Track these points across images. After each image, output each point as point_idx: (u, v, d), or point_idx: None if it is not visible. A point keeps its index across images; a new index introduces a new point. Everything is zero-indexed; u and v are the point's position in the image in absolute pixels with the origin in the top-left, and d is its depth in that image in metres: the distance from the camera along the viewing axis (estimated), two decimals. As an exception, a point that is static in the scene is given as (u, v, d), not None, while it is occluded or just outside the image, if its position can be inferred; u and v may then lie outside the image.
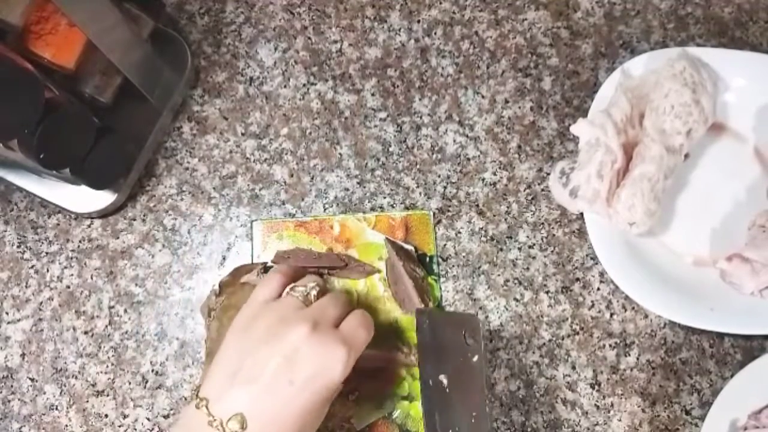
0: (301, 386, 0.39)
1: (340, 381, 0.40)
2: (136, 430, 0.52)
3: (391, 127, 0.59)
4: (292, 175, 0.58)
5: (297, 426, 0.39)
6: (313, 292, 0.43)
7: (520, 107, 0.59)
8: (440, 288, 0.55)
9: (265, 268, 0.54)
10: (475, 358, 0.43)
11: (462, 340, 0.44)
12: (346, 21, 0.62)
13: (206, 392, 0.39)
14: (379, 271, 0.54)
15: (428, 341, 0.43)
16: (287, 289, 0.44)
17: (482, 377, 0.43)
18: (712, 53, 0.57)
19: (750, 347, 0.54)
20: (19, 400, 0.53)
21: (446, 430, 0.41)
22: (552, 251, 0.56)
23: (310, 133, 0.59)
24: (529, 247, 0.56)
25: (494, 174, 0.58)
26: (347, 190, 0.57)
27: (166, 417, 0.52)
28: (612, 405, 0.52)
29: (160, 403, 0.52)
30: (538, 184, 0.57)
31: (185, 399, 0.52)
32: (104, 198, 0.55)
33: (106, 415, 0.52)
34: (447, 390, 0.42)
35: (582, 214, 0.54)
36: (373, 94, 0.60)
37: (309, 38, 0.61)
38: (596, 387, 0.53)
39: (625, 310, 0.54)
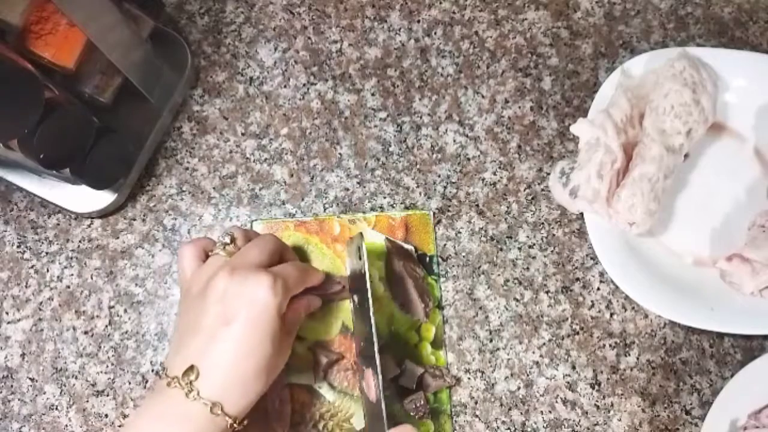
0: (237, 324, 0.39)
1: (274, 307, 0.40)
2: (136, 430, 0.52)
3: (391, 127, 0.59)
4: (292, 175, 0.58)
5: (251, 364, 0.40)
6: (227, 239, 0.44)
7: (520, 107, 0.59)
8: (440, 288, 0.54)
9: None
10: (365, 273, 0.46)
11: (359, 261, 0.48)
12: (346, 21, 0.62)
13: (165, 362, 0.41)
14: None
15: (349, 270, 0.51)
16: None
17: (367, 289, 0.46)
18: (712, 53, 0.57)
19: (750, 347, 0.54)
20: (19, 400, 0.53)
21: (359, 340, 0.50)
22: (552, 251, 0.56)
23: (310, 133, 0.59)
24: (529, 247, 0.56)
25: (494, 174, 0.58)
26: (347, 190, 0.57)
27: (166, 417, 0.52)
28: (612, 405, 0.52)
29: (160, 403, 0.52)
30: (538, 184, 0.57)
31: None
32: (104, 198, 0.55)
33: (106, 415, 0.52)
34: (357, 306, 0.49)
35: (582, 214, 0.54)
36: (373, 94, 0.60)
37: (309, 38, 0.61)
38: (596, 387, 0.53)
39: (625, 310, 0.54)
